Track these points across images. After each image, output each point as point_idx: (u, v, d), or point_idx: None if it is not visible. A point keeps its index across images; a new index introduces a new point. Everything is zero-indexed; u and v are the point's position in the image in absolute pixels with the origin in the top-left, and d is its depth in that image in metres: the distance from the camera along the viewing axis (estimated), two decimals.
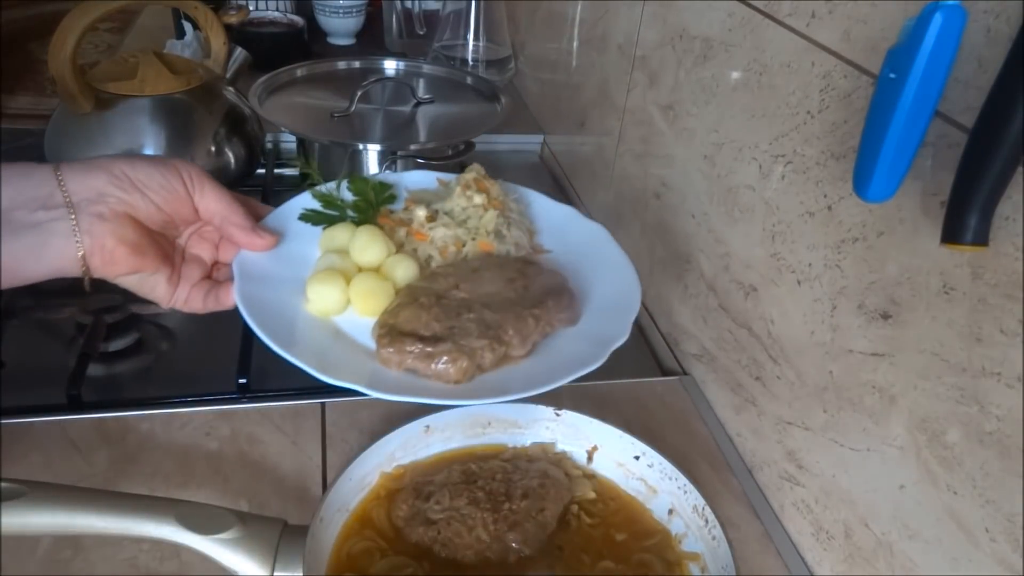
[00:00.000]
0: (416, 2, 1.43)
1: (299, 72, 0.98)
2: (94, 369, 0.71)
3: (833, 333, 0.54)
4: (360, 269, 0.56)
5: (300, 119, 0.88)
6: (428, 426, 0.58)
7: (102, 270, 0.47)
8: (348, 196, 0.61)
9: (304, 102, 0.92)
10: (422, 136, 0.91)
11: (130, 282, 0.50)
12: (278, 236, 0.56)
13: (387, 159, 0.85)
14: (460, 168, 1.03)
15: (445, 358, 0.49)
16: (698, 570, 0.53)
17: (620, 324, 0.53)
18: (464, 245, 0.59)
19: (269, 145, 1.08)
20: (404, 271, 0.55)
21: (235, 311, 0.51)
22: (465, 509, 0.51)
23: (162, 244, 0.51)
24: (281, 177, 1.05)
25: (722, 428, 0.71)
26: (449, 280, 0.55)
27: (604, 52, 0.96)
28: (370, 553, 0.51)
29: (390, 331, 0.50)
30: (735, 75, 0.66)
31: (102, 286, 0.50)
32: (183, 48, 1.16)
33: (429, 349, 0.49)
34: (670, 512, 0.56)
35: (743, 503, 0.64)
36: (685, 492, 0.55)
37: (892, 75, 0.39)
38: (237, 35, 1.28)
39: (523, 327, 0.51)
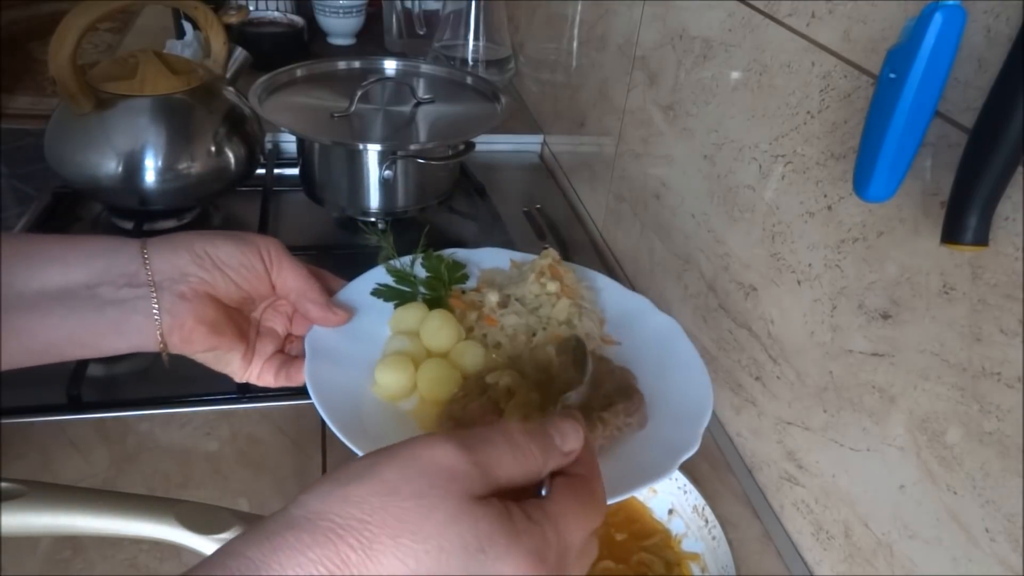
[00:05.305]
0: (416, 2, 1.43)
1: (299, 72, 0.98)
2: (94, 369, 0.71)
3: (833, 333, 0.54)
4: (429, 353, 0.55)
5: (300, 119, 0.88)
6: None
7: (180, 347, 0.47)
8: (421, 272, 0.60)
9: (304, 102, 0.92)
10: (422, 136, 0.91)
11: (206, 358, 0.51)
12: (351, 313, 0.56)
13: (387, 159, 0.86)
14: (461, 168, 1.04)
15: None
16: (698, 570, 0.53)
17: (690, 432, 0.49)
18: (535, 335, 0.57)
19: (269, 145, 1.08)
20: (472, 359, 0.55)
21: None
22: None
23: (238, 321, 0.51)
24: (281, 177, 1.05)
25: (722, 428, 0.71)
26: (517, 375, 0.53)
27: (604, 52, 0.96)
28: None
29: (456, 426, 0.49)
30: (735, 75, 0.66)
31: None
32: (183, 48, 1.16)
33: None
34: (670, 512, 0.56)
35: (743, 503, 0.64)
36: (685, 492, 0.55)
37: (892, 75, 0.39)
38: (237, 35, 1.27)
39: (590, 431, 0.49)
